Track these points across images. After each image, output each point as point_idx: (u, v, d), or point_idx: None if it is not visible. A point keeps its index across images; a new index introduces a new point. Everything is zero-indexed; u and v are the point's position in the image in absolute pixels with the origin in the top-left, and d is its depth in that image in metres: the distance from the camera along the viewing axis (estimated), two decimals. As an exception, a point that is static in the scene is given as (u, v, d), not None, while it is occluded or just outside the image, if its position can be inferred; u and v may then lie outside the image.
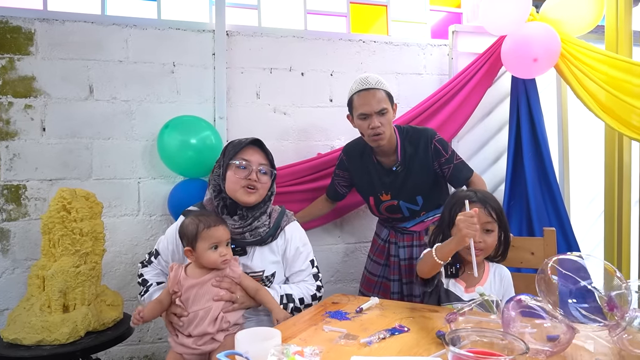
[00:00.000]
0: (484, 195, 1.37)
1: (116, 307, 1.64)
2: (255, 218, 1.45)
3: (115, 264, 2.09)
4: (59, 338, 1.42)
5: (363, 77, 1.73)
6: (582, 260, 0.93)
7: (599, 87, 2.02)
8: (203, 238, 1.30)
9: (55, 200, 1.53)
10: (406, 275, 1.87)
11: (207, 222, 1.32)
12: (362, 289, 2.01)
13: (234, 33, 2.21)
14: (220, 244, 1.31)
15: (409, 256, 1.87)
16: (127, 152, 2.09)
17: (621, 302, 0.86)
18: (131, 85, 2.08)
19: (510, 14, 2.14)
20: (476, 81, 2.25)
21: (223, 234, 1.32)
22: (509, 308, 0.86)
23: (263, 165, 1.46)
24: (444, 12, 2.61)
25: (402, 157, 1.78)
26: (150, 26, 2.10)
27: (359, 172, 1.88)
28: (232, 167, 1.44)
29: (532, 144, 2.20)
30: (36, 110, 1.99)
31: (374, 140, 1.72)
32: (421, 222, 1.87)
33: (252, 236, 1.43)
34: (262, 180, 1.45)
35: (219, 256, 1.30)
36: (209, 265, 1.31)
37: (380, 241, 1.96)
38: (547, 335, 0.85)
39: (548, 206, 2.17)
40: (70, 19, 2.01)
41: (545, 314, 0.84)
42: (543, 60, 2.03)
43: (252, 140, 1.48)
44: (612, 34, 2.22)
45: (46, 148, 2.00)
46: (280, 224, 1.49)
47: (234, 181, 1.43)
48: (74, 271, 1.49)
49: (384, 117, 1.69)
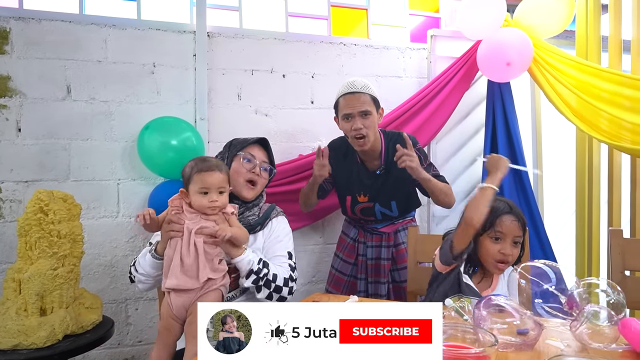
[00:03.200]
0: (516, 207, 1.37)
1: (95, 310, 1.62)
2: (248, 209, 1.49)
3: (94, 267, 2.06)
4: (35, 342, 1.39)
5: (350, 80, 1.76)
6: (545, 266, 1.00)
7: (569, 92, 2.10)
8: (194, 181, 1.30)
9: (32, 202, 1.50)
10: (372, 275, 1.90)
11: (201, 166, 1.32)
12: (330, 287, 2.02)
13: (215, 34, 2.21)
14: (211, 190, 1.30)
15: (376, 256, 1.90)
16: (106, 153, 2.07)
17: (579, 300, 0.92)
18: (110, 86, 2.06)
19: (486, 20, 2.21)
20: (453, 84, 2.31)
21: (215, 180, 1.30)
22: (480, 307, 0.90)
23: (265, 163, 1.53)
24: (423, 17, 2.66)
25: (386, 162, 1.82)
26: (130, 26, 2.09)
27: (340, 169, 1.90)
28: (238, 160, 1.49)
29: (507, 147, 2.27)
30: (11, 111, 1.95)
31: (357, 144, 1.75)
32: (391, 224, 1.91)
33: (242, 224, 1.44)
34: (263, 176, 1.51)
35: (208, 201, 1.29)
36: (197, 208, 1.31)
37: (349, 240, 1.99)
38: (517, 330, 0.89)
39: (523, 207, 2.24)
40: (47, 18, 1.98)
41: (514, 311, 0.89)
42: (516, 64, 2.10)
43: (258, 139, 1.55)
44: (582, 41, 2.31)
45: (22, 149, 1.96)
46: (270, 215, 1.53)
47: (239, 172, 1.47)
48: (51, 274, 1.47)
49: (367, 120, 1.71)
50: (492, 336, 0.74)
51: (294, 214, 2.17)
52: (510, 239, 1.31)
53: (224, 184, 1.34)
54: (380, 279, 1.91)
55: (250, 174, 1.48)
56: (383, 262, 1.91)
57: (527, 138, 2.51)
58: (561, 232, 2.61)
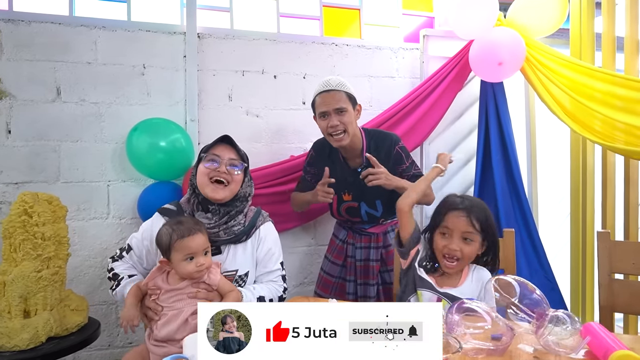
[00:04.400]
0: (471, 203, 1.37)
1: (80, 312, 1.62)
2: (231, 217, 1.45)
3: (84, 268, 2.07)
4: (18, 344, 1.39)
5: (325, 79, 1.78)
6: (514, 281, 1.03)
7: (562, 92, 2.07)
8: (177, 249, 1.25)
9: (17, 205, 1.50)
10: (361, 277, 1.89)
11: (180, 231, 1.25)
12: (318, 290, 2.02)
13: (205, 35, 2.20)
14: (197, 255, 1.26)
15: (365, 257, 1.89)
16: (96, 154, 2.07)
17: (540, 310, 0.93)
18: (100, 87, 2.06)
19: (479, 19, 2.19)
20: (446, 85, 2.29)
21: (199, 244, 1.26)
22: (452, 312, 0.89)
23: (233, 160, 1.47)
24: (417, 17, 2.64)
25: (367, 159, 1.81)
26: (120, 28, 2.09)
27: (323, 164, 1.88)
28: (202, 162, 1.46)
29: (500, 148, 2.25)
30: (1, 112, 1.95)
31: (334, 140, 1.76)
32: (380, 224, 1.90)
33: (227, 234, 1.43)
34: (234, 174, 1.45)
35: (195, 266, 1.25)
36: (185, 276, 1.28)
37: (338, 242, 1.98)
38: (492, 335, 0.87)
39: (515, 208, 2.21)
40: (37, 20, 1.99)
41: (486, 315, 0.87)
42: (508, 64, 2.07)
43: (222, 137, 1.49)
44: (576, 39, 2.28)
45: (12, 151, 1.97)
46: (256, 223, 1.50)
47: (203, 173, 1.43)
48: (35, 276, 1.47)
49: (343, 116, 1.72)
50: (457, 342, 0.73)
51: (284, 215, 2.17)
52: (457, 234, 1.31)
53: (207, 243, 1.31)
54: (370, 280, 1.90)
55: (215, 173, 1.43)
56: (372, 263, 1.90)
57: (522, 139, 2.48)
58: (556, 234, 2.58)
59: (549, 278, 2.14)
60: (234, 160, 1.47)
